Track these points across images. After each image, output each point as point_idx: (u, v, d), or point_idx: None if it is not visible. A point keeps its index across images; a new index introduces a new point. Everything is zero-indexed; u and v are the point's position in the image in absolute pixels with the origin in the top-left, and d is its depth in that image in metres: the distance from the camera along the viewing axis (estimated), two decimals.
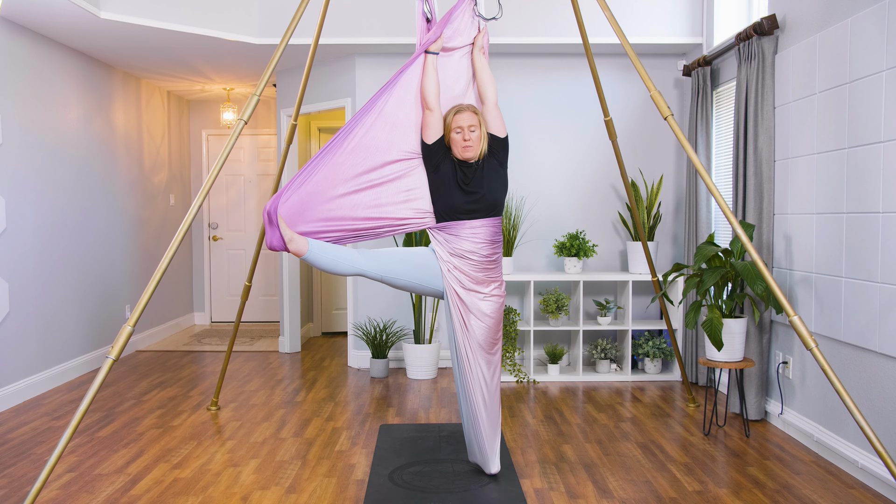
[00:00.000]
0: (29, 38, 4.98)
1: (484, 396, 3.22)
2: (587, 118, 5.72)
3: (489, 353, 3.23)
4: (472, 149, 3.10)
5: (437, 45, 3.17)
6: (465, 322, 3.16)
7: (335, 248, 3.07)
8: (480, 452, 3.32)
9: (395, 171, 3.17)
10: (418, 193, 3.21)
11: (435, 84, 3.13)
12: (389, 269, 3.11)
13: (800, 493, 3.22)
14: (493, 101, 3.20)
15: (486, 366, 3.22)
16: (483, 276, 3.16)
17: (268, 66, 3.46)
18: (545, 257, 5.78)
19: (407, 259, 3.16)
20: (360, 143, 3.12)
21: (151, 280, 3.07)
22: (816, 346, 2.88)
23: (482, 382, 3.21)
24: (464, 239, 3.13)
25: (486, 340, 3.20)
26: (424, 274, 3.16)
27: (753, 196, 4.18)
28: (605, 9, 3.51)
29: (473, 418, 3.24)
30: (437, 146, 3.15)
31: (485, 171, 3.13)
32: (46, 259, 5.17)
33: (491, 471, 3.33)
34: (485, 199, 3.10)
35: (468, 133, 3.09)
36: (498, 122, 3.20)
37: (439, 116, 3.15)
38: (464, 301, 3.14)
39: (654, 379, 5.35)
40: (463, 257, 3.14)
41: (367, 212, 3.15)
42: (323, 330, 7.44)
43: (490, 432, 3.28)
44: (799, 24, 3.93)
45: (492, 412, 3.26)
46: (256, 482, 3.37)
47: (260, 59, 5.88)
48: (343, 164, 3.11)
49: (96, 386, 2.85)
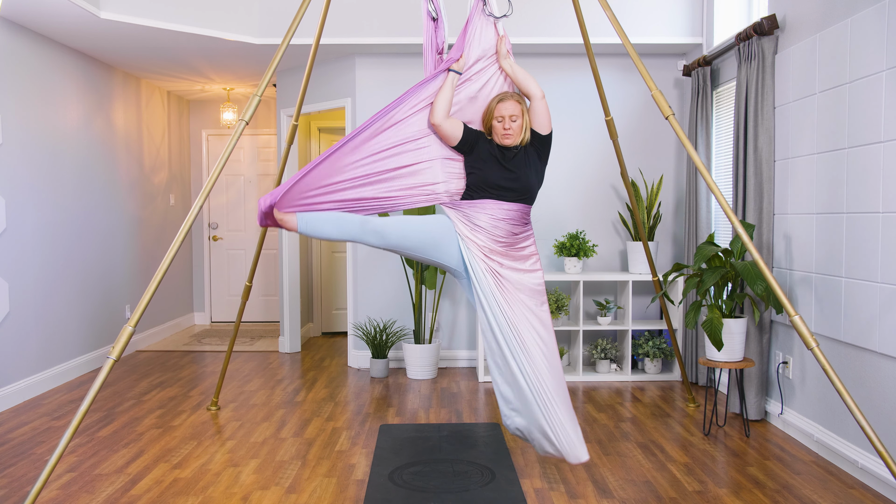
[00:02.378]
0: (29, 38, 4.98)
1: (546, 358, 2.85)
2: (587, 118, 5.72)
3: (539, 305, 2.96)
4: (511, 137, 3.04)
5: (459, 64, 3.13)
6: (500, 278, 2.94)
7: (325, 217, 2.98)
8: (557, 436, 2.81)
9: (405, 170, 3.12)
10: (432, 188, 3.13)
11: (448, 103, 3.09)
12: (390, 241, 2.97)
13: (800, 493, 3.22)
14: (538, 97, 3.12)
15: (541, 324, 2.91)
16: (510, 249, 3.05)
17: (269, 66, 3.46)
18: (545, 257, 5.78)
19: (411, 233, 3.01)
20: (366, 145, 3.08)
21: (152, 280, 3.06)
22: (817, 346, 2.88)
23: (538, 343, 2.87)
24: (484, 213, 3.00)
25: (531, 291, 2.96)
26: (430, 248, 3.01)
27: (753, 196, 4.18)
28: (606, 8, 3.51)
29: (540, 394, 2.81)
30: (466, 138, 3.09)
31: (523, 157, 3.06)
32: (46, 259, 5.17)
33: (581, 458, 2.81)
34: (520, 180, 3.01)
35: (509, 122, 3.04)
36: (542, 118, 3.11)
37: (449, 124, 3.09)
38: (493, 261, 2.98)
39: (654, 379, 5.35)
40: (483, 230, 3.02)
41: (369, 192, 3.10)
42: (323, 330, 7.44)
43: (562, 405, 2.82)
44: (799, 24, 3.93)
45: (558, 378, 2.85)
46: (256, 482, 3.37)
47: (260, 59, 5.88)
48: (346, 160, 3.07)
49: (97, 386, 2.85)
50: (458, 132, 3.11)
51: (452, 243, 3.03)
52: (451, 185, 3.15)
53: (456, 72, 3.13)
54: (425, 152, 3.14)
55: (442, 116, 3.08)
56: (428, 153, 3.14)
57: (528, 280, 3.02)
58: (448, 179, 3.15)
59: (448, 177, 3.15)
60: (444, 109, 3.09)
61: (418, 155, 3.13)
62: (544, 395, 2.82)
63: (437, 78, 3.16)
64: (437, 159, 3.14)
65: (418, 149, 3.13)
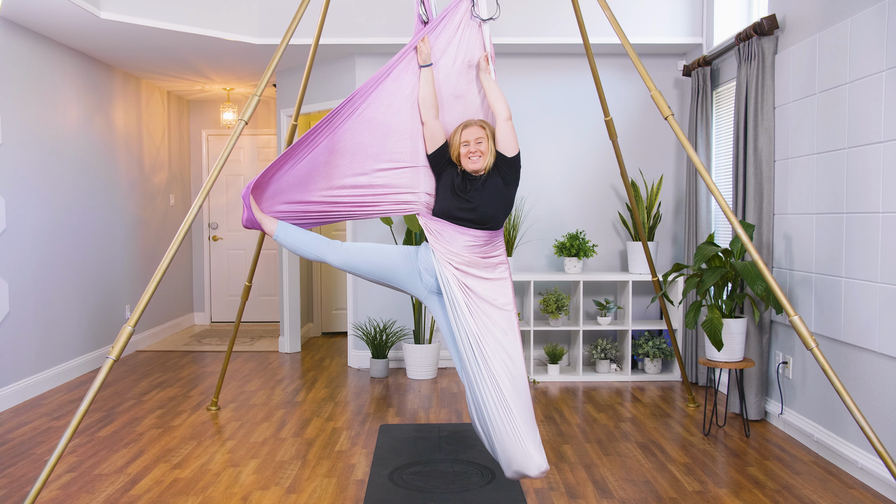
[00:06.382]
0: (29, 38, 4.98)
1: (508, 371, 2.81)
2: (587, 118, 5.72)
3: (502, 308, 2.91)
4: (479, 161, 3.00)
5: (423, 56, 3.10)
6: (468, 291, 2.92)
7: (301, 235, 3.09)
8: (515, 451, 2.75)
9: (385, 177, 3.13)
10: (409, 197, 3.15)
11: (430, 96, 3.08)
12: (353, 265, 3.06)
13: (800, 493, 3.22)
14: (503, 118, 3.06)
15: (504, 332, 2.87)
16: (482, 260, 3.02)
17: (269, 66, 3.46)
18: (545, 257, 5.78)
19: (374, 260, 3.06)
20: (346, 147, 3.09)
21: (152, 280, 3.06)
22: (817, 346, 2.88)
23: (500, 350, 2.84)
24: (450, 240, 2.99)
25: (499, 303, 2.92)
26: (391, 276, 3.06)
27: (753, 196, 4.18)
28: (605, 8, 3.51)
29: (498, 409, 2.77)
30: (439, 155, 3.08)
31: (485, 185, 3.01)
32: (46, 259, 5.17)
33: (532, 472, 2.72)
34: (476, 211, 2.97)
35: (474, 145, 3.00)
36: (507, 139, 3.04)
37: (436, 127, 3.08)
38: (461, 272, 2.95)
39: (654, 379, 5.35)
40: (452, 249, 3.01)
41: (349, 208, 3.16)
42: (323, 330, 7.44)
43: (522, 418, 2.77)
44: (799, 24, 3.93)
45: (521, 392, 2.81)
46: (256, 482, 3.37)
47: (260, 59, 5.88)
48: (328, 164, 3.09)
49: (97, 386, 2.85)
50: (440, 141, 3.08)
51: (412, 272, 3.04)
52: (429, 198, 3.16)
53: (426, 66, 3.10)
54: (406, 159, 3.15)
55: (428, 113, 3.09)
56: (409, 160, 3.15)
57: (494, 289, 2.96)
58: (427, 190, 3.15)
59: (427, 187, 3.15)
60: (429, 105, 3.09)
61: (398, 162, 3.14)
62: (509, 416, 2.75)
63: (404, 68, 3.11)
64: (420, 167, 3.15)
65: (398, 155, 3.14)
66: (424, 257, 3.01)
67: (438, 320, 3.05)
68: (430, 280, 3.01)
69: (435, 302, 3.05)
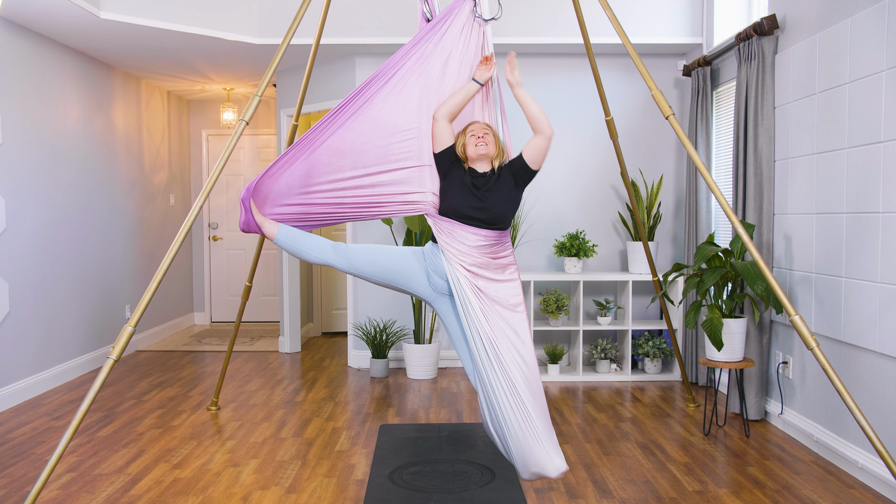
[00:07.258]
0: (29, 38, 4.98)
1: (524, 373, 2.78)
2: (587, 118, 5.72)
3: (514, 310, 2.89)
4: (486, 147, 2.95)
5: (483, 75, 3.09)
6: (480, 293, 2.89)
7: (303, 238, 3.02)
8: (533, 453, 2.74)
9: (391, 177, 3.08)
10: (416, 196, 3.10)
11: (457, 107, 3.06)
12: (359, 268, 3.00)
13: (800, 493, 3.22)
14: (546, 136, 2.98)
15: (518, 338, 2.85)
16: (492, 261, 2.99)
17: (269, 66, 3.46)
18: (545, 257, 5.78)
19: (381, 262, 3.00)
20: (350, 146, 3.04)
21: (152, 280, 3.06)
22: (817, 346, 2.88)
23: (517, 360, 2.79)
24: (461, 239, 2.95)
25: (509, 304, 2.88)
26: (399, 278, 3.01)
27: (753, 196, 4.18)
28: (606, 8, 3.51)
29: (515, 411, 2.74)
30: (446, 154, 3.04)
31: (497, 184, 2.97)
32: (46, 259, 5.16)
33: (551, 473, 2.73)
34: (488, 210, 2.92)
35: (481, 132, 2.98)
36: (539, 153, 2.97)
37: (447, 129, 3.04)
38: (472, 273, 2.93)
39: (654, 379, 5.35)
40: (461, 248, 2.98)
41: (354, 209, 3.11)
42: (323, 330, 7.44)
43: (539, 420, 2.76)
44: (799, 24, 3.93)
45: (536, 394, 2.77)
46: (256, 482, 3.37)
47: (260, 59, 5.88)
48: (330, 164, 3.05)
49: (97, 386, 2.85)
50: (447, 141, 3.03)
51: (420, 273, 2.99)
52: (435, 197, 3.10)
53: (479, 83, 3.07)
54: (412, 158, 3.09)
55: (443, 116, 3.04)
56: (415, 159, 3.10)
57: (505, 290, 2.93)
58: (433, 189, 3.09)
59: (433, 186, 3.10)
60: (449, 112, 3.04)
61: (404, 161, 3.09)
62: (527, 418, 2.75)
63: (408, 69, 3.08)
64: (426, 166, 3.09)
65: (404, 154, 3.09)
66: (432, 259, 2.97)
67: (447, 322, 3.01)
68: (438, 282, 2.96)
69: (443, 304, 3.00)
